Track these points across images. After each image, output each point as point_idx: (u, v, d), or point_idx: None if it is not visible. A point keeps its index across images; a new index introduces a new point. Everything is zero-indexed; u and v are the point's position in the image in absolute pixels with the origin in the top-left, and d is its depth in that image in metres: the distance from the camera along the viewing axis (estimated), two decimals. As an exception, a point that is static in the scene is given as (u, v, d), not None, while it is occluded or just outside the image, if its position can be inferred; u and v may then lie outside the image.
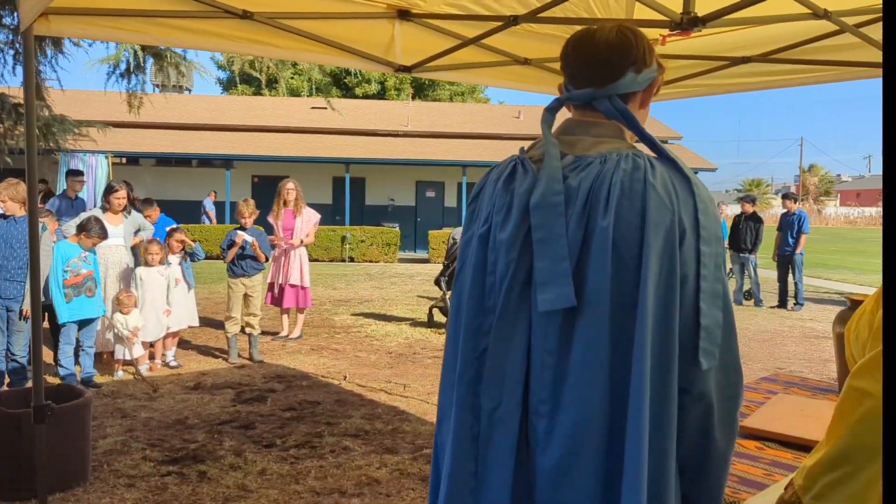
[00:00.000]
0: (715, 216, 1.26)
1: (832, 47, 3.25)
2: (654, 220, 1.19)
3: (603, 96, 1.33)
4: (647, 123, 1.41)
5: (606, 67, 1.33)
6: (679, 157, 1.29)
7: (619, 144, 1.32)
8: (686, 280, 1.21)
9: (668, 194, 1.22)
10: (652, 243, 1.19)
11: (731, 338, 1.26)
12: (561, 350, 1.24)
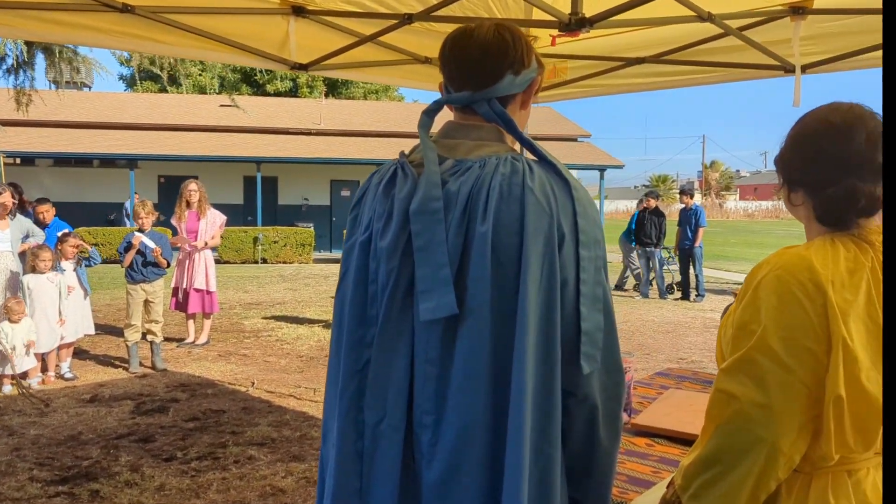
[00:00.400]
0: (594, 220, 1.25)
1: (718, 49, 3.36)
2: (533, 225, 1.18)
3: (481, 99, 1.30)
4: (556, 121, 1.39)
5: (484, 70, 1.30)
6: (558, 161, 1.27)
7: (498, 148, 1.30)
8: (566, 285, 1.20)
9: (546, 199, 1.20)
10: (531, 249, 1.17)
11: (613, 339, 1.26)
12: (443, 360, 1.21)
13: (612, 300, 1.29)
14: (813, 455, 1.26)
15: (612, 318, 1.26)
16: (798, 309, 1.23)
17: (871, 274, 1.26)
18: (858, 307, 1.23)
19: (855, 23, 3.00)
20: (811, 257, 1.26)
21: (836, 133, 1.31)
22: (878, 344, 1.23)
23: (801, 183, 1.37)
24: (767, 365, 1.23)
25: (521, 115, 1.38)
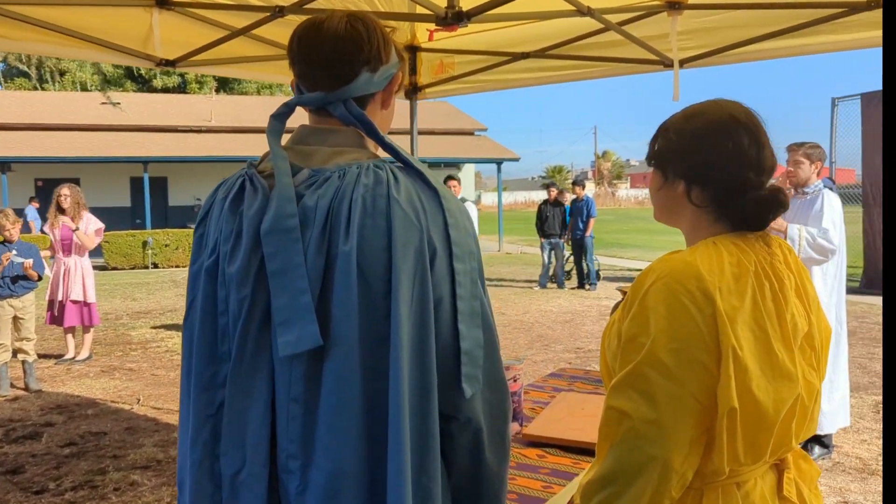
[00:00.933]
0: (466, 229, 1.15)
1: (600, 44, 3.37)
2: (402, 241, 1.07)
3: (336, 101, 1.17)
4: (453, 116, 1.28)
5: (337, 68, 1.17)
6: (425, 167, 1.17)
7: (359, 154, 1.17)
8: (441, 303, 1.09)
9: (414, 210, 1.09)
10: (401, 266, 1.06)
11: (494, 354, 1.17)
12: (309, 397, 1.08)
13: (492, 312, 1.20)
14: (704, 469, 1.22)
15: (493, 331, 1.17)
16: (687, 319, 1.17)
17: (755, 278, 1.22)
18: (745, 313, 1.19)
19: (729, 17, 3.06)
20: (697, 264, 1.21)
21: (749, 134, 1.28)
22: (765, 351, 1.19)
23: (711, 183, 1.30)
24: (657, 379, 1.17)
25: (383, 116, 1.26)
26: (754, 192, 1.28)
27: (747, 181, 1.28)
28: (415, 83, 4.14)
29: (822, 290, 4.13)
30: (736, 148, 1.28)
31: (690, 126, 1.32)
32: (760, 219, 1.29)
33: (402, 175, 1.13)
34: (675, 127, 1.35)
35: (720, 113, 1.31)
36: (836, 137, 12.23)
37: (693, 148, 1.31)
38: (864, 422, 4.95)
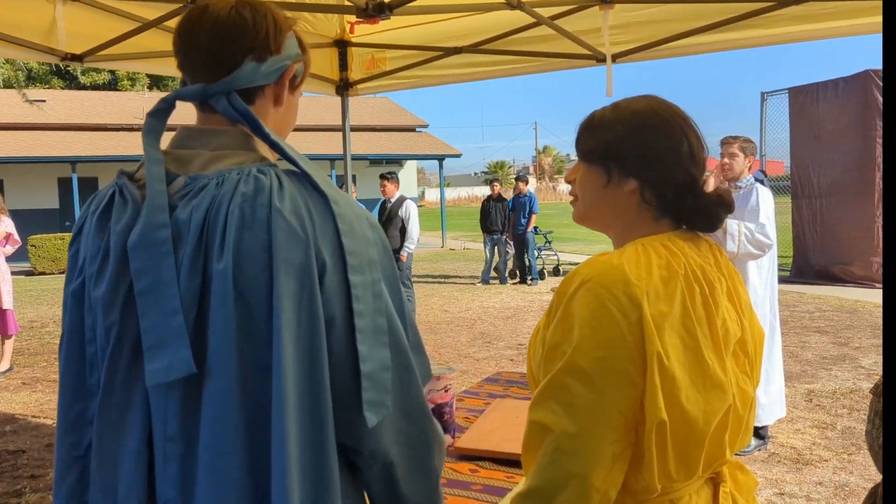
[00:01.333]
0: (366, 237, 1.03)
1: (534, 38, 3.30)
2: (284, 256, 0.94)
3: (218, 93, 1.05)
4: (394, 113, 1.14)
5: (217, 56, 1.04)
6: (316, 170, 1.04)
7: (244, 157, 1.04)
8: (333, 322, 0.97)
9: (299, 220, 0.97)
10: (283, 285, 0.93)
11: (409, 376, 1.05)
12: (186, 435, 0.95)
13: (410, 327, 1.08)
14: (635, 486, 1.14)
15: (405, 350, 1.05)
16: (612, 326, 1.09)
17: (685, 282, 1.15)
18: (674, 320, 1.12)
19: (660, 11, 3.03)
20: (625, 267, 1.13)
21: (691, 130, 1.24)
22: (696, 359, 1.12)
23: (657, 182, 1.22)
24: (578, 390, 1.09)
25: (277, 115, 1.13)
26: (700, 190, 1.23)
27: (696, 179, 1.23)
28: (346, 79, 4.01)
29: (757, 282, 4.17)
30: (689, 145, 1.23)
31: (644, 121, 1.24)
32: (714, 219, 1.24)
33: (288, 180, 1.00)
34: (624, 121, 1.25)
35: (671, 111, 1.25)
36: (765, 131, 12.56)
37: (649, 144, 1.23)
38: (798, 411, 5.05)
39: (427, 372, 1.12)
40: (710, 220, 1.24)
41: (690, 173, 1.23)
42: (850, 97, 10.84)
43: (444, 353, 7.27)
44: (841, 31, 2.65)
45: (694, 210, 1.23)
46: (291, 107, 1.17)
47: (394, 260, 1.09)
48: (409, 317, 1.10)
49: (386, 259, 1.07)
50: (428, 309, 10.09)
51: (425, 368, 1.12)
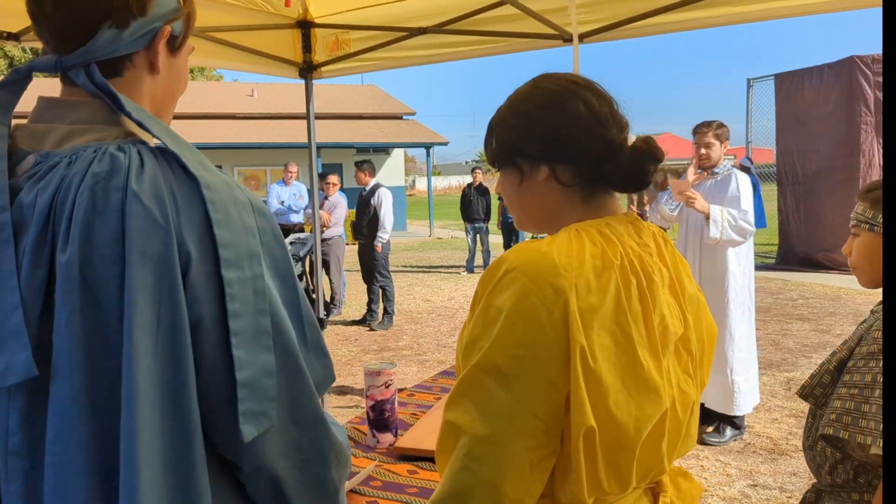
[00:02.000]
0: (245, 225, 0.90)
1: (499, 18, 3.18)
2: (139, 246, 0.82)
3: (76, 65, 0.92)
4: (380, 100, 0.99)
5: (67, 24, 0.91)
6: (187, 146, 0.91)
7: (104, 134, 0.91)
8: (202, 323, 0.85)
9: (160, 205, 0.84)
10: (137, 279, 0.81)
11: (300, 381, 0.93)
12: (31, 449, 0.83)
13: (304, 327, 0.96)
14: (563, 499, 1.03)
15: (295, 353, 0.92)
16: (534, 321, 0.98)
17: (621, 273, 1.04)
18: (605, 315, 1.00)
19: (628, -11, 2.91)
20: (554, 255, 1.01)
21: (594, 93, 1.14)
22: (628, 359, 1.01)
23: (574, 154, 1.12)
24: (494, 389, 0.98)
25: (155, 82, 0.99)
26: (618, 150, 1.11)
27: (613, 140, 1.11)
28: (309, 61, 3.87)
29: (736, 269, 4.08)
30: (588, 108, 1.11)
31: (531, 103, 1.15)
32: (642, 174, 1.12)
33: (152, 160, 0.88)
34: (514, 111, 1.17)
35: (557, 81, 1.15)
36: (751, 117, 12.49)
37: (544, 122, 1.13)
38: (776, 399, 4.98)
39: (328, 374, 1.00)
40: (639, 176, 1.12)
41: (602, 136, 1.11)
42: (834, 83, 10.77)
43: (423, 344, 7.18)
44: (814, 7, 2.54)
45: (616, 174, 1.12)
46: (175, 71, 1.03)
47: (287, 251, 0.97)
48: (308, 314, 0.97)
49: (277, 249, 0.94)
50: (410, 299, 9.98)
51: (327, 371, 1.00)
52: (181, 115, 21.70)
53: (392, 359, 6.59)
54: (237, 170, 21.92)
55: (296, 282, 0.96)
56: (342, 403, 5.28)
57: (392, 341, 7.33)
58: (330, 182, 8.34)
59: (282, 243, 0.96)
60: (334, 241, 8.26)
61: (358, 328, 8.01)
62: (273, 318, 0.90)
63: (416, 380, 5.86)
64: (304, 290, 5.72)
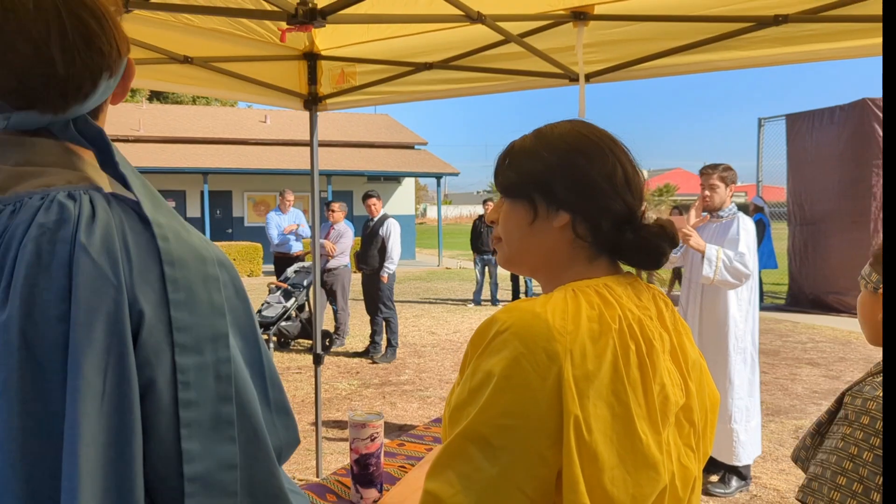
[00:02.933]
0: (211, 303, 0.82)
1: (505, 55, 3.15)
2: (87, 305, 0.75)
3: (64, 122, 0.85)
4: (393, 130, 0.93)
5: (82, 81, 0.84)
6: (149, 193, 0.84)
7: (53, 178, 0.84)
8: (153, 389, 0.77)
9: (112, 260, 0.77)
10: (83, 341, 0.74)
11: (259, 451, 0.83)
12: None
13: (267, 386, 0.88)
14: None
15: (253, 418, 0.83)
16: (524, 389, 0.91)
17: (619, 338, 0.97)
18: (602, 384, 0.93)
19: (635, 30, 2.87)
20: (548, 317, 0.95)
21: (623, 153, 1.10)
22: (626, 432, 0.93)
23: (597, 213, 1.06)
24: (478, 460, 0.91)
25: (107, 115, 0.94)
26: (640, 223, 1.07)
27: (633, 209, 1.07)
28: (315, 93, 3.85)
29: (738, 315, 3.99)
30: (624, 171, 1.07)
31: (570, 144, 1.08)
32: (656, 254, 1.07)
33: (106, 209, 0.81)
34: (548, 146, 1.09)
35: (598, 133, 1.10)
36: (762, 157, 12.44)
37: (580, 169, 1.06)
38: (784, 448, 4.84)
39: (292, 437, 0.92)
40: (652, 255, 1.07)
41: (627, 203, 1.06)
42: (846, 125, 10.72)
43: (426, 379, 7.07)
44: (822, 54, 2.49)
45: (634, 245, 1.07)
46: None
47: (249, 304, 0.90)
48: (271, 373, 0.89)
49: (238, 304, 0.86)
50: (415, 330, 9.89)
51: (290, 433, 0.92)
52: (193, 139, 21.91)
53: (393, 394, 6.49)
54: (247, 195, 22.05)
55: (258, 338, 0.89)
56: (336, 436, 5.18)
57: (394, 375, 7.23)
58: (334, 210, 8.31)
59: (243, 297, 0.89)
60: (340, 271, 8.20)
61: (360, 360, 7.92)
62: (238, 394, 0.82)
63: (417, 417, 5.75)
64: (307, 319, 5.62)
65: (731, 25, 2.62)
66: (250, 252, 18.46)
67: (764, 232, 11.75)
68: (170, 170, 19.64)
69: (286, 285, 8.43)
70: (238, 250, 18.27)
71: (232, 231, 21.79)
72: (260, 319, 7.98)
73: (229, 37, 3.26)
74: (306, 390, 6.55)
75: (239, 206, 22.15)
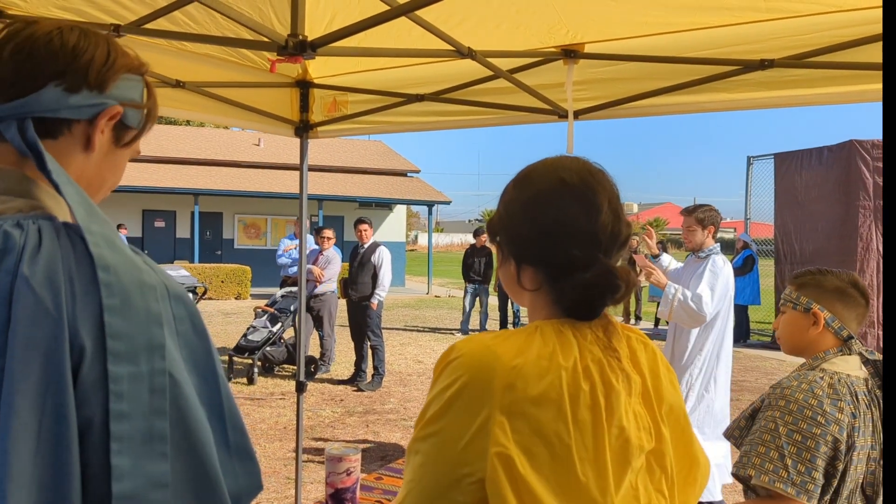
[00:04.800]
0: (147, 313, 0.80)
1: (495, 90, 3.17)
2: (25, 338, 0.74)
3: (10, 116, 0.87)
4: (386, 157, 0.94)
5: (14, 70, 0.88)
6: (101, 222, 0.83)
7: (6, 206, 0.85)
8: (91, 427, 0.76)
9: (54, 291, 0.76)
10: (18, 377, 0.72)
11: (211, 494, 0.81)
12: None
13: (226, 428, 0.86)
14: None
15: (205, 459, 0.81)
16: (460, 415, 0.95)
17: (570, 378, 0.97)
18: (540, 422, 0.94)
19: (625, 69, 2.91)
20: (497, 350, 0.97)
21: (578, 199, 1.06)
22: (565, 471, 0.93)
23: (538, 262, 1.08)
24: (415, 469, 0.97)
25: (87, 162, 0.94)
26: (582, 272, 1.03)
27: (574, 259, 1.04)
28: (306, 121, 3.87)
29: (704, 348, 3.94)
30: (559, 219, 1.05)
31: (517, 195, 1.11)
32: (588, 306, 1.05)
33: (53, 239, 0.80)
34: (506, 197, 1.14)
35: (549, 178, 1.09)
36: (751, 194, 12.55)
37: (517, 222, 1.09)
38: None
39: (253, 483, 0.90)
40: (582, 306, 1.05)
41: (568, 250, 1.04)
42: (833, 166, 10.85)
43: (410, 408, 7.02)
44: (807, 99, 2.53)
45: (569, 295, 1.05)
46: (114, 162, 0.98)
47: (209, 341, 0.89)
48: (231, 413, 0.88)
49: (195, 340, 0.86)
50: (402, 359, 9.84)
51: (251, 478, 0.90)
52: (185, 160, 21.91)
53: (377, 422, 6.44)
54: (238, 217, 22.01)
55: (218, 377, 0.88)
56: (318, 464, 5.12)
57: (378, 404, 7.17)
58: (325, 236, 8.30)
59: (202, 333, 0.87)
60: (327, 297, 8.17)
61: (345, 388, 7.85)
62: (182, 419, 0.80)
63: (400, 447, 5.69)
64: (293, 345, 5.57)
65: (718, 68, 2.65)
66: (239, 274, 18.38)
67: (752, 267, 11.83)
68: (161, 189, 19.63)
69: (272, 310, 8.38)
70: (227, 272, 18.19)
71: (221, 253, 21.70)
72: (245, 343, 7.91)
73: (222, 62, 3.27)
74: (289, 416, 6.48)
75: (229, 228, 22.10)
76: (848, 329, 1.83)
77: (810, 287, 1.88)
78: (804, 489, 1.62)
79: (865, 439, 1.70)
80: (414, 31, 2.35)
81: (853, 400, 1.70)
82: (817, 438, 1.63)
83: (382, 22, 1.76)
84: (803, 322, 1.88)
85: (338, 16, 2.71)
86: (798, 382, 1.73)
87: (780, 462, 1.65)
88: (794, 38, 2.43)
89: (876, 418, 1.74)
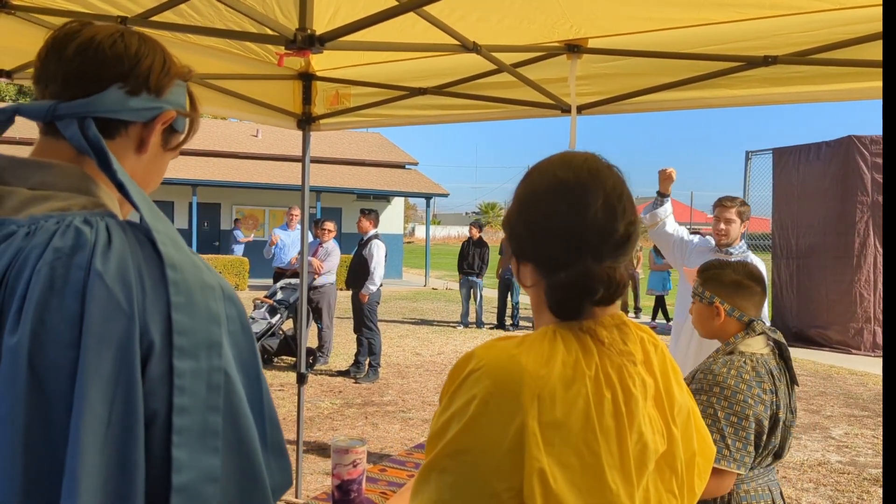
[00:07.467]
0: (208, 311, 0.82)
1: (498, 84, 3.19)
2: (98, 332, 0.75)
3: (70, 115, 0.88)
4: (384, 149, 0.95)
5: (80, 70, 0.90)
6: (163, 221, 0.85)
7: (71, 202, 0.86)
8: (156, 419, 0.77)
9: (125, 287, 0.78)
10: (91, 369, 0.74)
11: (255, 490, 0.83)
12: None
13: (265, 426, 0.86)
14: None
15: (252, 455, 0.83)
16: (489, 429, 0.93)
17: (594, 385, 0.97)
18: (570, 432, 0.94)
19: (629, 64, 2.92)
20: (522, 359, 0.96)
21: (566, 196, 1.04)
22: (596, 482, 0.93)
23: (532, 258, 1.08)
24: (441, 492, 0.93)
25: (138, 163, 0.96)
26: (562, 272, 1.02)
27: (555, 257, 1.04)
28: (308, 113, 3.87)
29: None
30: (546, 215, 1.05)
31: (517, 191, 1.12)
32: (564, 306, 1.03)
33: (122, 236, 0.82)
34: (515, 192, 1.14)
35: (545, 174, 1.09)
36: (749, 189, 12.57)
37: (514, 218, 1.10)
38: (764, 483, 4.85)
39: (285, 480, 0.92)
40: (561, 306, 1.03)
41: (553, 252, 1.03)
42: (832, 161, 10.87)
43: (409, 400, 7.04)
44: (809, 96, 2.55)
45: (549, 294, 1.04)
46: (157, 164, 1.01)
47: (254, 341, 0.90)
48: (270, 412, 0.89)
49: (243, 340, 0.87)
50: (400, 351, 9.86)
51: (284, 475, 0.91)
52: (183, 150, 21.86)
53: (375, 414, 6.46)
54: (236, 208, 21.99)
55: (260, 377, 0.89)
56: (318, 456, 5.14)
57: (377, 395, 7.20)
58: (326, 229, 8.30)
59: (249, 333, 0.89)
60: (326, 289, 8.18)
61: (343, 379, 7.87)
62: (233, 416, 0.82)
63: (399, 439, 5.72)
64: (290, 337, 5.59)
65: (721, 64, 2.67)
66: (237, 265, 18.36)
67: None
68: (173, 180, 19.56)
69: (272, 301, 8.39)
70: (225, 263, 18.18)
71: (219, 244, 21.68)
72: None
73: (225, 54, 3.28)
74: (288, 408, 6.50)
75: (227, 218, 22.07)
76: (748, 315, 2.04)
77: (711, 281, 2.09)
78: (742, 462, 1.86)
79: (783, 411, 1.95)
80: (418, 25, 2.36)
81: (770, 377, 1.94)
82: (750, 418, 1.86)
83: (392, 17, 1.78)
84: (708, 313, 2.09)
85: (341, 9, 2.71)
86: (727, 369, 1.92)
87: (723, 443, 1.86)
88: (797, 34, 2.45)
89: (786, 384, 2.01)
